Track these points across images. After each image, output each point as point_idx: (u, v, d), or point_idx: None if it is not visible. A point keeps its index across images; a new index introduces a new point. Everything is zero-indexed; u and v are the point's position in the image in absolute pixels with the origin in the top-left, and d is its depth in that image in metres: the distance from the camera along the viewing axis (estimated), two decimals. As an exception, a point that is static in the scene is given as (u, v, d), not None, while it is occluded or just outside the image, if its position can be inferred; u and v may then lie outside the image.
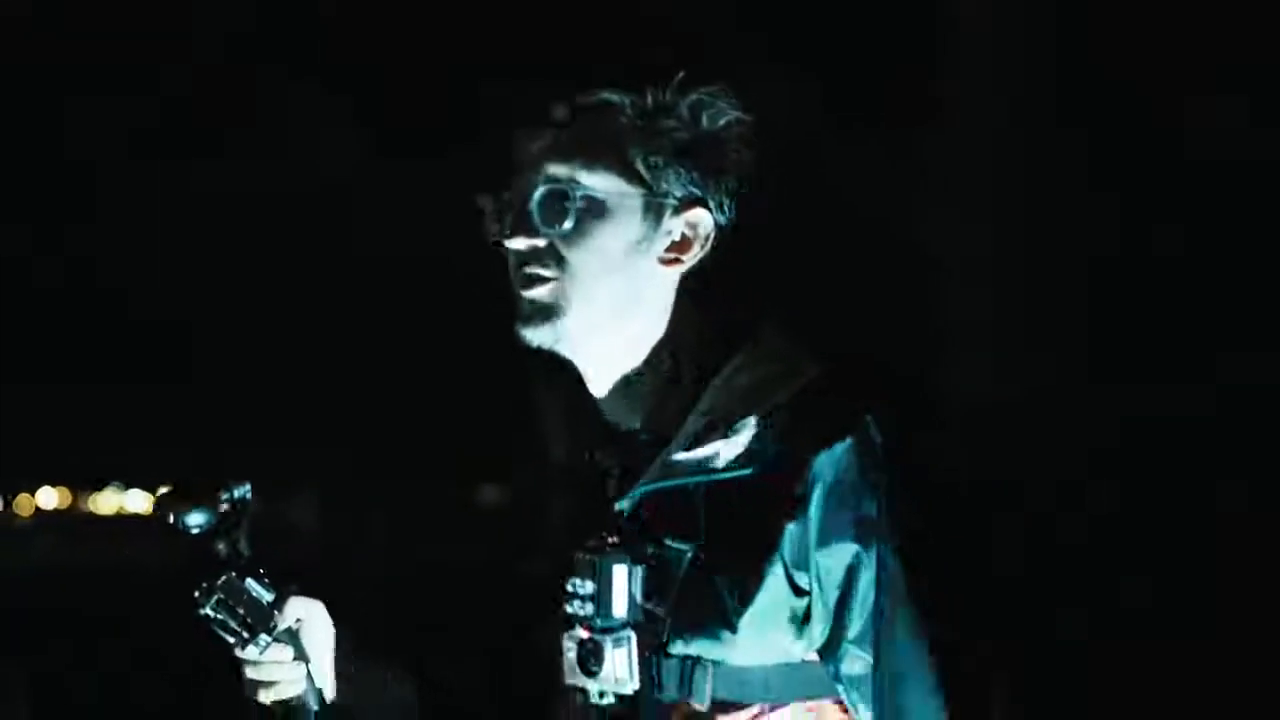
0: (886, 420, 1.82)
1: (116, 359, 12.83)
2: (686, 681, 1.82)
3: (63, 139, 11.40)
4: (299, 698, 1.90)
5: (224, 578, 1.87)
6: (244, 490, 1.89)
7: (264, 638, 1.87)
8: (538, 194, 1.83)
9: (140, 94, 11.64)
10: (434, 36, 11.75)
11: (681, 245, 1.87)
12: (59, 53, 10.98)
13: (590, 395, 1.90)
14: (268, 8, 11.53)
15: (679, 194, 1.86)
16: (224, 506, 1.87)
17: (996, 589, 1.86)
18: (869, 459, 1.82)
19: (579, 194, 1.83)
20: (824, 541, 1.81)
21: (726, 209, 1.87)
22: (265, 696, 1.89)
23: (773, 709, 1.83)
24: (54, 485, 20.81)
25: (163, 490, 1.88)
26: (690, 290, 1.89)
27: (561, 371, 1.89)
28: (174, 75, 11.67)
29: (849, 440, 1.81)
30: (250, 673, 1.88)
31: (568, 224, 1.82)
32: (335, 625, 1.91)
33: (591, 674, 1.82)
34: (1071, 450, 9.44)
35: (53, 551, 13.84)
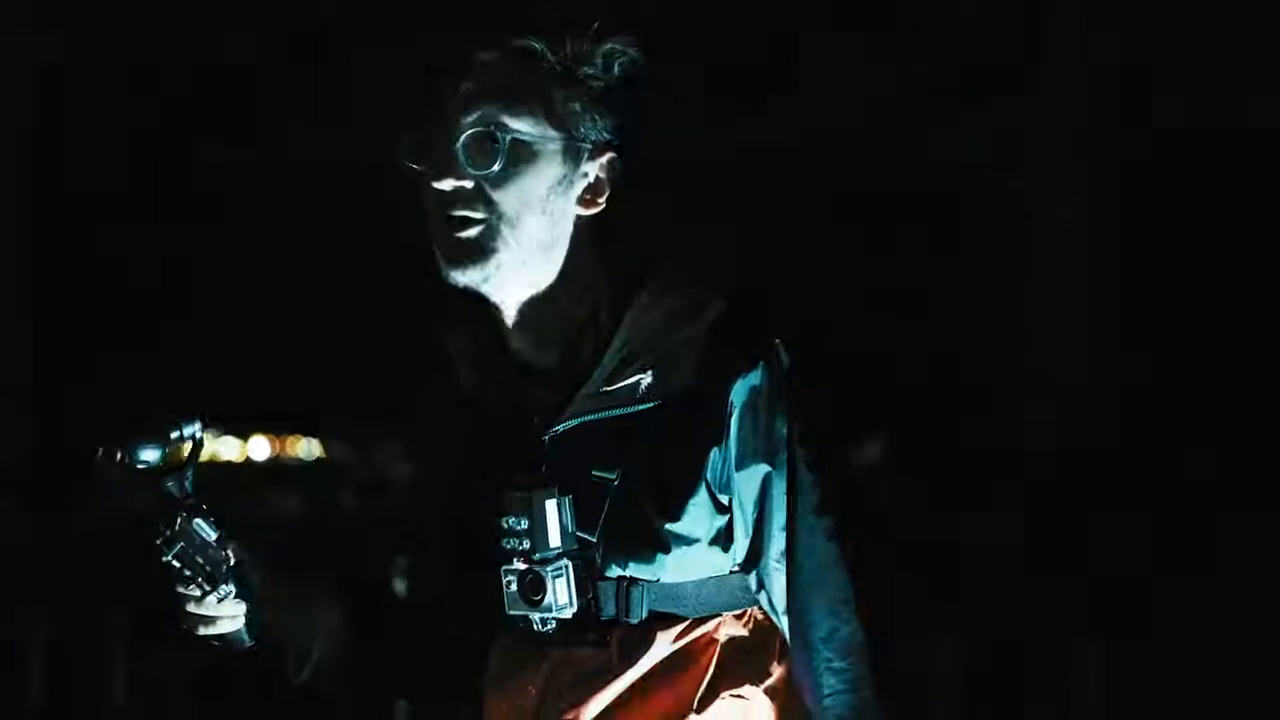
0: (790, 347, 1.92)
1: (200, 314, 13.00)
2: (623, 601, 1.89)
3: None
4: (236, 632, 1.92)
5: (179, 521, 1.87)
6: (194, 427, 1.88)
7: (224, 587, 1.88)
8: (465, 136, 1.87)
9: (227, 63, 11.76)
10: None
11: (596, 188, 1.92)
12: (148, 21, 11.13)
13: (506, 336, 1.95)
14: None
15: (594, 139, 1.91)
16: (174, 444, 1.88)
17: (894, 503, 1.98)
18: (779, 382, 1.90)
19: (506, 136, 1.87)
20: (742, 462, 1.90)
21: (636, 152, 1.94)
22: (204, 631, 1.92)
23: (704, 620, 1.92)
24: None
25: (114, 427, 1.88)
26: (601, 231, 1.94)
27: (471, 312, 1.96)
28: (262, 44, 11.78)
29: (760, 365, 1.90)
30: (191, 607, 1.91)
31: (496, 165, 1.86)
32: (267, 562, 1.96)
33: (534, 604, 1.88)
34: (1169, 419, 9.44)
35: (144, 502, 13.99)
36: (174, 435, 1.87)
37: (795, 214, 10.67)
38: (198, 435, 1.88)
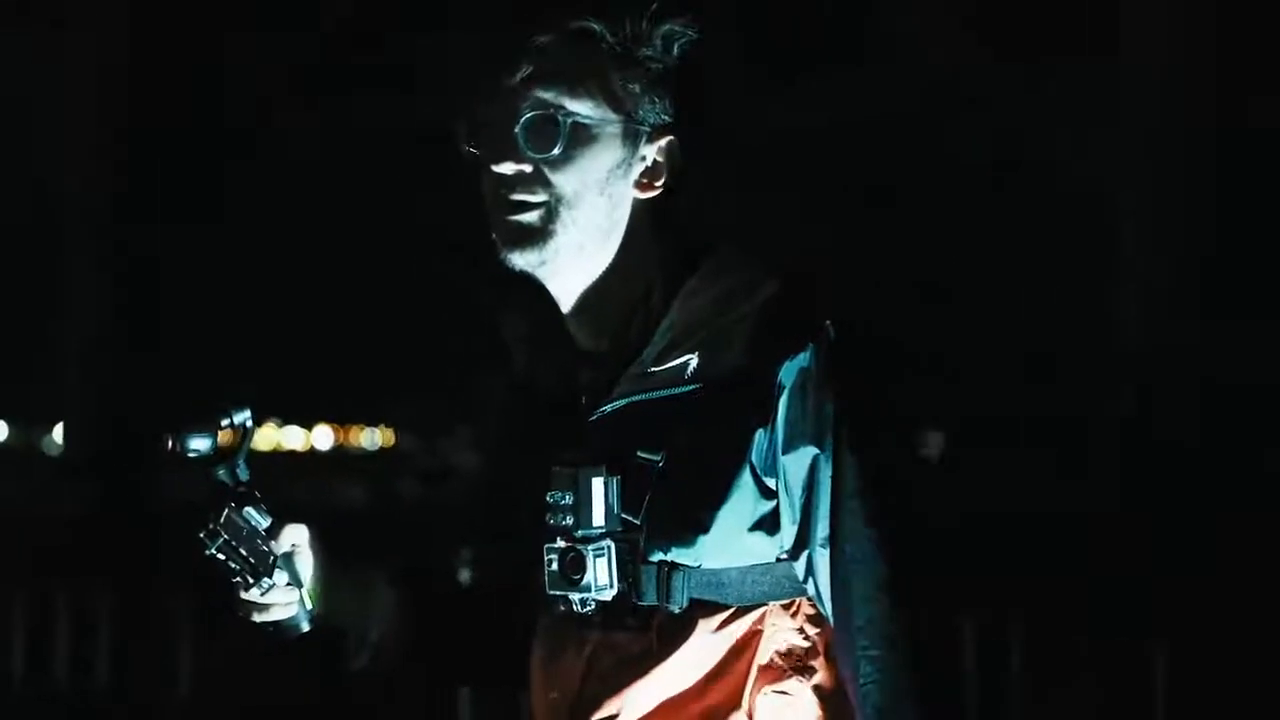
0: (841, 330, 1.87)
1: (268, 299, 13.03)
2: (664, 586, 1.87)
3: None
4: (291, 619, 1.94)
5: (225, 513, 1.89)
6: (244, 416, 1.90)
7: (266, 580, 1.89)
8: (525, 119, 1.87)
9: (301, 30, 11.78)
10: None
11: (654, 171, 1.92)
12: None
13: (559, 318, 1.95)
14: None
15: (653, 121, 1.91)
16: (224, 432, 1.90)
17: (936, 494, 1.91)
18: (829, 364, 1.86)
19: (567, 119, 1.87)
20: (789, 445, 1.86)
21: (695, 136, 1.92)
22: (259, 618, 1.93)
23: (749, 609, 1.88)
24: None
25: (167, 415, 1.91)
26: (659, 214, 1.93)
27: (530, 297, 1.94)
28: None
29: (810, 347, 1.86)
30: (245, 595, 1.92)
31: (557, 149, 1.87)
32: (322, 547, 1.95)
33: (574, 583, 1.86)
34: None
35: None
36: (224, 423, 1.89)
37: (856, 196, 10.59)
38: (248, 423, 1.89)
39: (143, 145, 10.38)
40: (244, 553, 1.88)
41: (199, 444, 1.87)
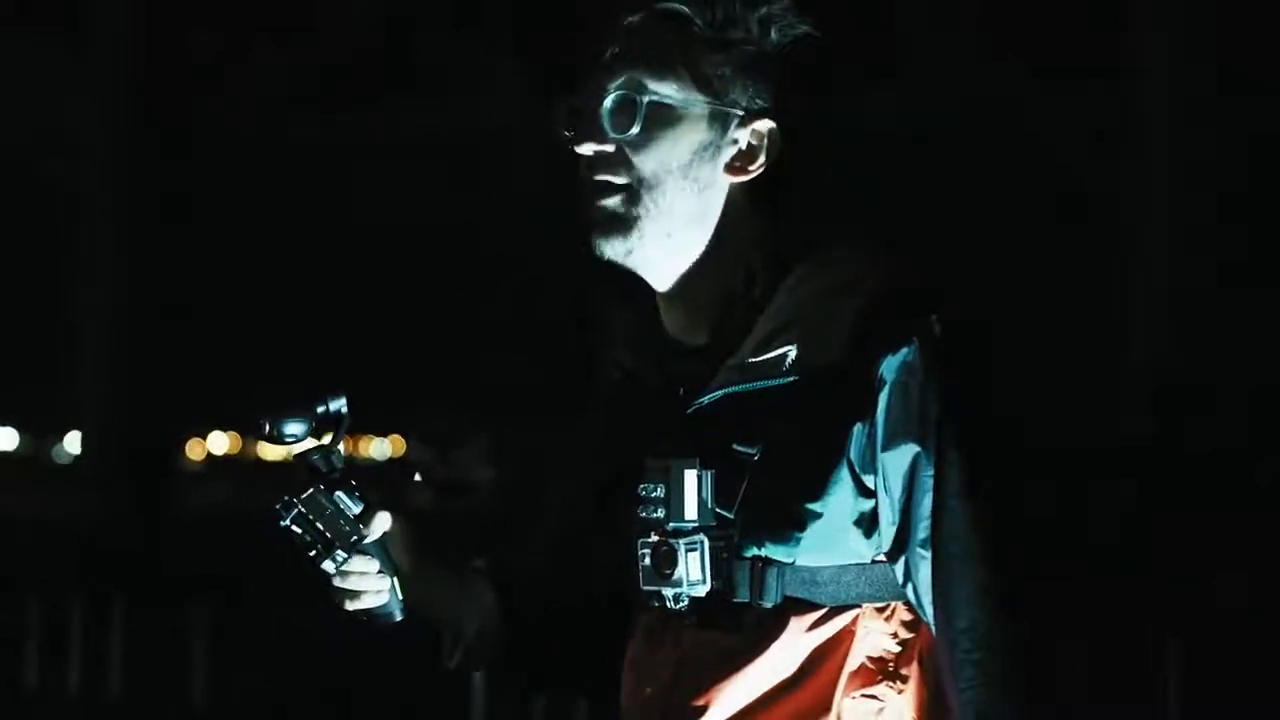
0: (949, 326, 1.82)
1: (284, 308, 13.03)
2: (757, 582, 1.83)
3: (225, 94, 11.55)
4: (383, 606, 1.94)
5: (308, 492, 1.89)
6: (340, 404, 1.91)
7: (340, 553, 1.89)
8: (608, 100, 1.85)
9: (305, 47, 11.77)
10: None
11: (748, 155, 1.87)
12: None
13: (657, 308, 1.91)
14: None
15: (746, 105, 1.86)
16: (319, 419, 1.90)
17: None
18: (933, 361, 1.81)
19: (646, 99, 1.84)
20: (890, 442, 1.81)
21: (793, 120, 1.87)
22: (351, 605, 1.92)
23: (842, 610, 1.84)
24: (225, 430, 21.18)
25: (265, 403, 1.90)
26: (757, 202, 1.88)
27: (628, 288, 1.91)
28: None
29: (914, 342, 1.81)
30: (338, 582, 1.90)
31: (635, 129, 1.84)
32: (417, 537, 1.94)
33: (665, 578, 1.84)
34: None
35: (222, 496, 14.12)
36: (319, 410, 1.90)
37: (892, 205, 10.57)
38: (343, 411, 1.90)
39: (156, 153, 10.37)
40: (320, 527, 1.88)
41: (294, 429, 1.88)
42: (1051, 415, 10.08)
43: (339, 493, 1.88)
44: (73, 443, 11.26)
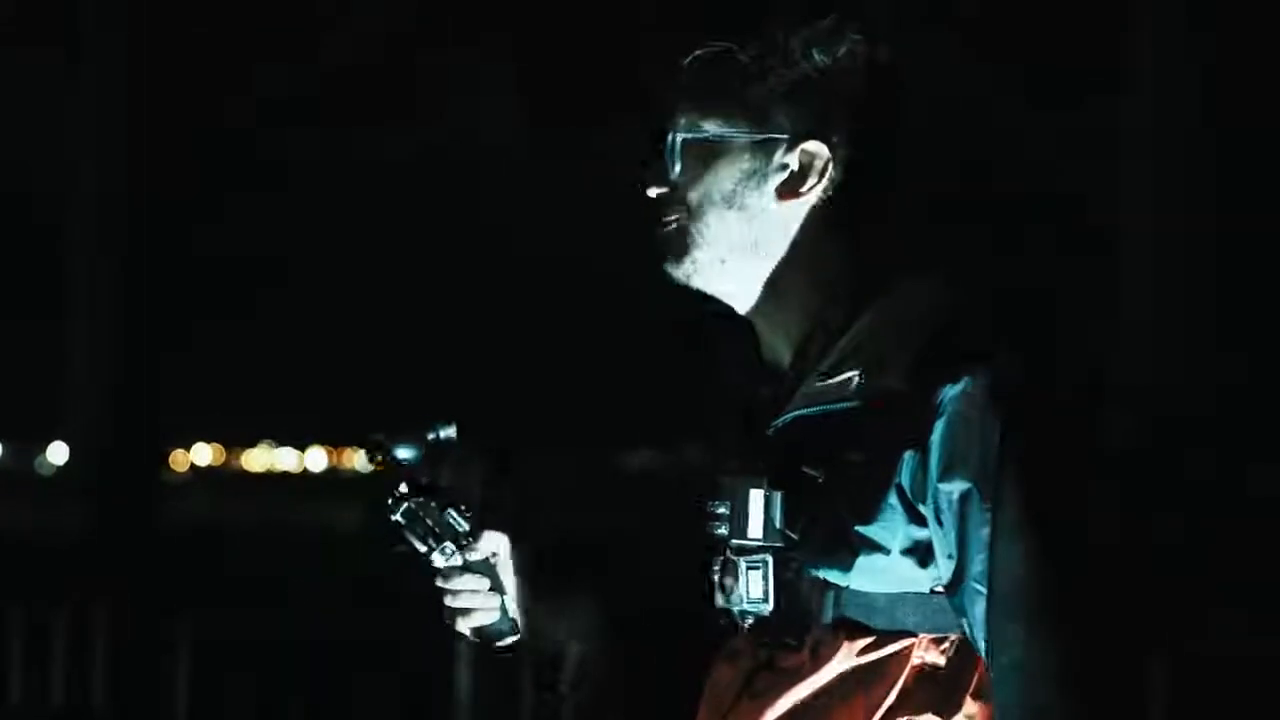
0: (1014, 360, 1.83)
1: (271, 321, 13.00)
2: (816, 604, 1.86)
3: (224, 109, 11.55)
4: (494, 625, 1.99)
5: (420, 498, 1.96)
6: (450, 431, 1.97)
7: (449, 545, 1.95)
8: (665, 145, 1.93)
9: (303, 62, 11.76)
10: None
11: (798, 179, 1.90)
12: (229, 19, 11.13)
13: (753, 334, 1.97)
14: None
15: (792, 129, 1.90)
16: (430, 445, 1.97)
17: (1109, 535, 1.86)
18: (993, 395, 1.81)
19: (693, 139, 1.91)
20: (945, 473, 1.82)
21: (851, 141, 1.90)
22: (462, 624, 1.99)
23: (896, 637, 1.85)
24: (208, 443, 21.17)
25: (375, 437, 1.99)
26: (837, 227, 1.92)
27: (730, 317, 1.97)
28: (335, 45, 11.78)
29: (975, 374, 1.82)
30: (449, 600, 1.98)
31: (678, 168, 1.91)
32: (526, 558, 2.00)
33: (727, 594, 1.87)
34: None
35: (206, 508, 14.09)
36: (430, 437, 1.98)
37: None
38: (454, 438, 1.98)
39: (146, 165, 10.35)
40: (429, 522, 1.95)
41: (406, 453, 1.96)
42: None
43: (450, 510, 1.96)
44: (56, 454, 11.19)
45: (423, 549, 1.96)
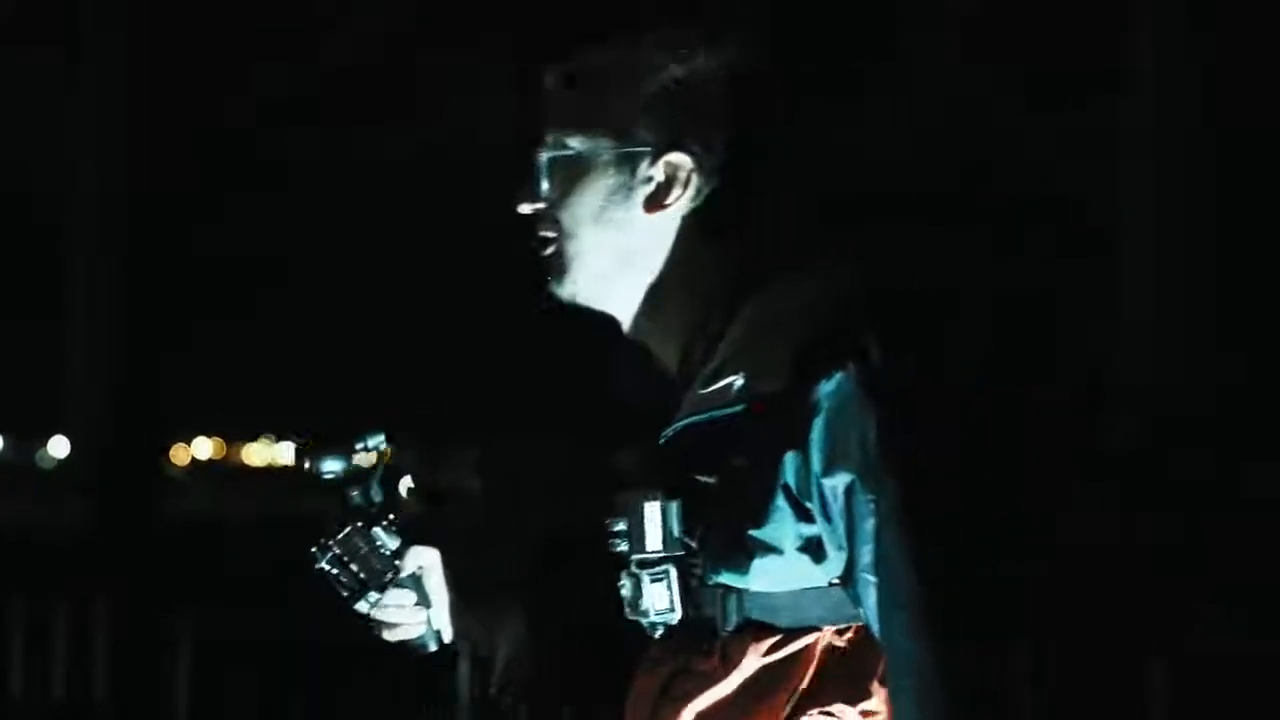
0: (886, 353, 1.85)
1: (271, 317, 13.01)
2: (720, 609, 1.89)
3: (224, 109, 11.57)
4: (419, 638, 2.01)
5: (344, 533, 1.95)
6: (379, 440, 1.97)
7: (374, 594, 1.96)
8: (537, 162, 1.95)
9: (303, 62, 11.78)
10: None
11: (664, 191, 1.92)
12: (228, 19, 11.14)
13: (643, 346, 1.98)
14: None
15: (655, 140, 1.91)
16: (358, 455, 1.96)
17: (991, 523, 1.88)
18: (868, 388, 1.84)
19: (559, 156, 1.93)
20: (828, 469, 1.84)
21: (716, 150, 1.91)
22: (389, 636, 2.01)
23: (802, 632, 1.88)
24: (209, 436, 21.20)
25: (301, 439, 1.98)
26: (712, 235, 1.94)
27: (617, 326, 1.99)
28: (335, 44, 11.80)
29: (850, 368, 1.84)
30: (374, 614, 2.00)
31: (546, 186, 1.93)
32: (453, 571, 2.02)
33: (635, 608, 1.89)
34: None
35: (207, 502, 14.11)
36: (358, 447, 1.96)
37: (883, 215, 10.59)
38: (382, 447, 1.97)
39: (147, 160, 10.36)
40: (354, 568, 1.94)
41: (333, 466, 1.95)
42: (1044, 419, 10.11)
43: (376, 529, 1.95)
44: (57, 447, 11.20)
45: (345, 595, 1.97)
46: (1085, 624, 6.84)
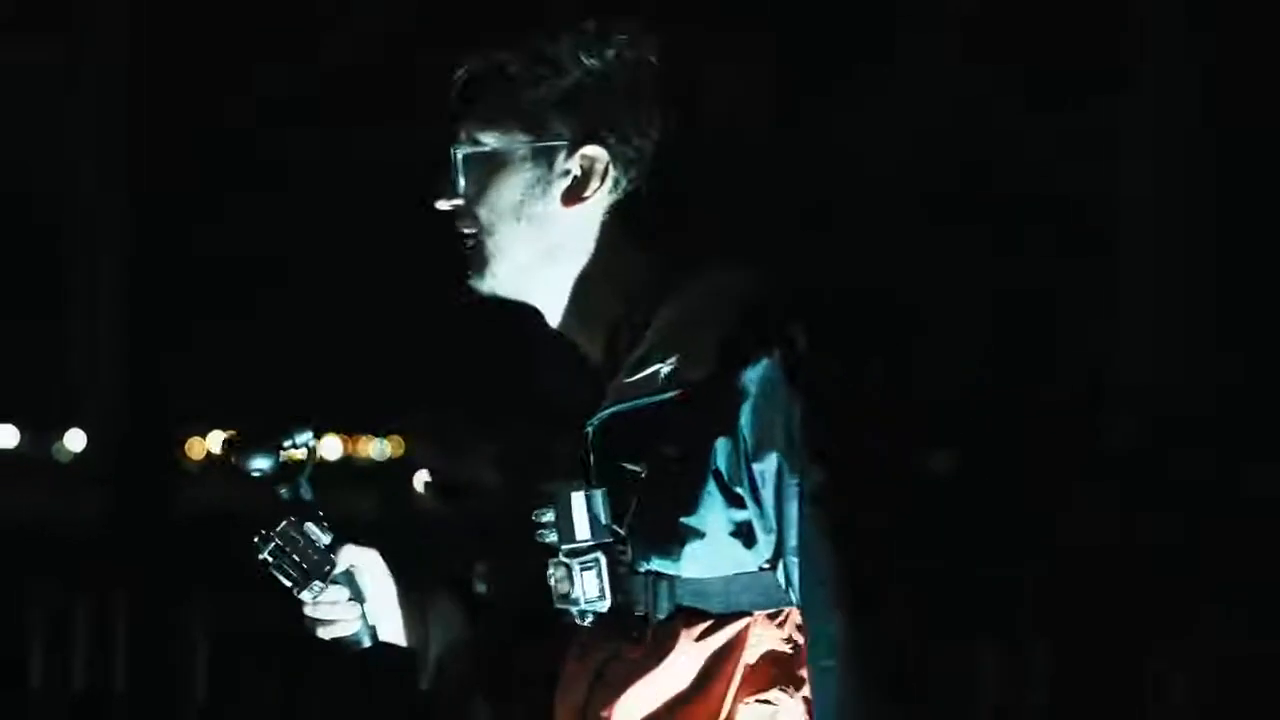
0: (810, 339, 1.88)
1: (276, 317, 13.00)
2: (651, 596, 1.90)
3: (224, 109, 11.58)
4: (354, 635, 2.02)
5: (282, 524, 1.96)
6: (306, 437, 1.97)
7: (317, 584, 1.98)
8: (451, 158, 1.95)
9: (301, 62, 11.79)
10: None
11: (581, 184, 1.94)
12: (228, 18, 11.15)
13: (568, 339, 2.00)
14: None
15: (570, 135, 1.93)
16: (286, 452, 1.96)
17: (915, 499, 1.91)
18: (793, 373, 1.87)
19: (475, 152, 1.94)
20: (757, 453, 1.87)
21: (631, 142, 1.93)
22: (323, 633, 2.02)
23: (733, 618, 1.89)
24: (225, 430, 21.03)
25: (227, 435, 1.98)
26: (633, 226, 1.95)
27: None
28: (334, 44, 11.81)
29: (775, 354, 1.87)
30: (309, 611, 2.01)
31: (463, 182, 1.94)
32: (388, 567, 2.04)
33: (565, 597, 1.90)
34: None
35: (222, 495, 14.10)
36: (286, 444, 1.96)
37: (884, 215, 10.62)
38: (310, 443, 1.97)
39: (156, 151, 10.36)
40: (296, 558, 1.95)
41: (261, 463, 1.94)
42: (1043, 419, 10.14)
43: (309, 524, 1.95)
44: (74, 440, 11.19)
45: (289, 585, 1.97)
46: (1085, 624, 6.86)
